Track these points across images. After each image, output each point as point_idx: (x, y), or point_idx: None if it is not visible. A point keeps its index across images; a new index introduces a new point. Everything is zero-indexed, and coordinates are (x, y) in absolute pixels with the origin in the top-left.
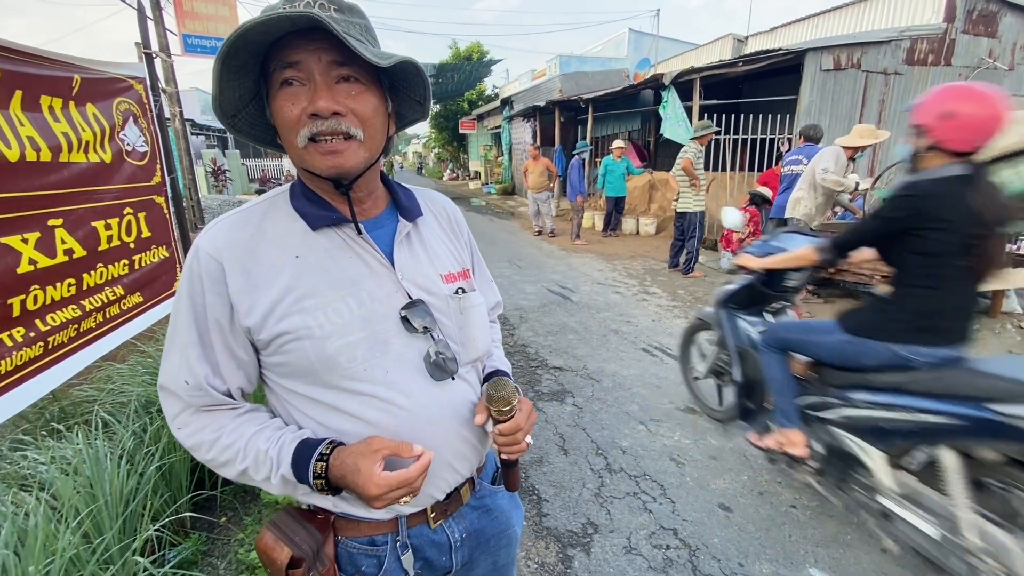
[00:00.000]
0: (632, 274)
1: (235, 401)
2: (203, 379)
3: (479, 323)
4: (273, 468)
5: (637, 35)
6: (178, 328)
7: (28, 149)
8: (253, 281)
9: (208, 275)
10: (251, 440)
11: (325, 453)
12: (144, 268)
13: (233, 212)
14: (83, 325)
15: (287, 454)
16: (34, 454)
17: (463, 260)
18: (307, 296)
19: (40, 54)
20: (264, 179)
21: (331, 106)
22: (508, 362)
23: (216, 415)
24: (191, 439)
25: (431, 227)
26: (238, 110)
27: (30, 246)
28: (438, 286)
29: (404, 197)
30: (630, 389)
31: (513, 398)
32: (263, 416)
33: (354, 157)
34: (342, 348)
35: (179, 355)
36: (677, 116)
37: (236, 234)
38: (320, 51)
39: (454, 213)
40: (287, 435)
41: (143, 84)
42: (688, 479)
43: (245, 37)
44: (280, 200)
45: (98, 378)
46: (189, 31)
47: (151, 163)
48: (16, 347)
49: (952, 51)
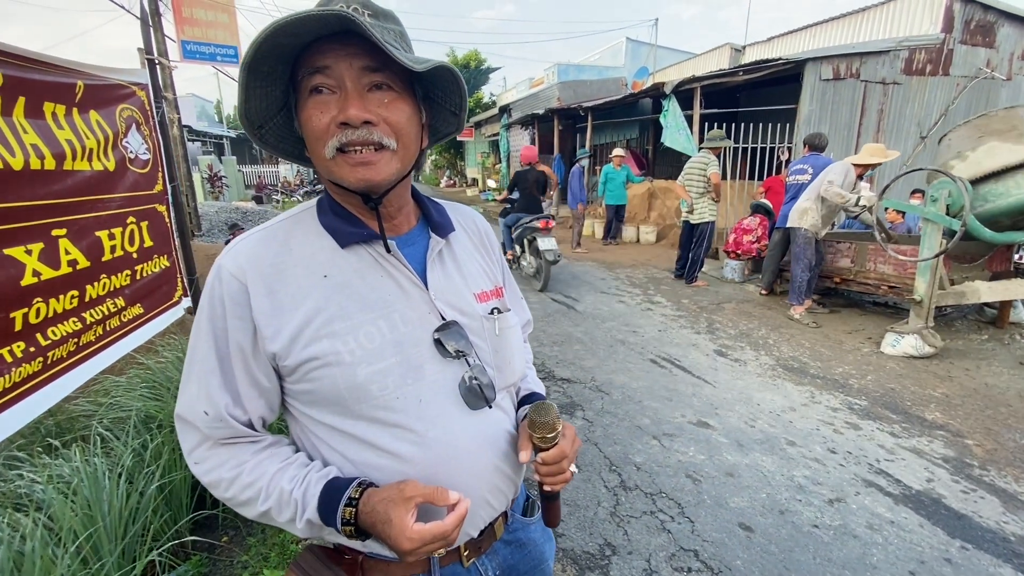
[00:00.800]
0: (635, 283)
1: (256, 433)
2: (223, 409)
3: (515, 345)
4: (298, 512)
5: (634, 44)
6: (197, 354)
7: (32, 157)
8: (279, 303)
9: (230, 297)
10: (274, 479)
11: (354, 497)
12: (145, 278)
13: (258, 229)
14: (83, 339)
15: (313, 496)
16: (30, 473)
17: (495, 277)
18: (336, 319)
19: (43, 59)
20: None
21: (362, 114)
22: (542, 383)
23: (236, 449)
24: (209, 476)
25: (463, 243)
26: (265, 121)
27: (34, 257)
28: (472, 306)
29: (436, 212)
30: (640, 402)
31: (558, 424)
32: (286, 451)
33: (386, 169)
34: (373, 375)
35: (198, 383)
36: (678, 125)
37: (261, 252)
38: (352, 56)
39: (485, 228)
40: (312, 474)
41: (145, 91)
42: (706, 497)
43: (273, 39)
44: (307, 216)
45: (96, 391)
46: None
47: (153, 171)
48: (16, 363)
49: (950, 61)
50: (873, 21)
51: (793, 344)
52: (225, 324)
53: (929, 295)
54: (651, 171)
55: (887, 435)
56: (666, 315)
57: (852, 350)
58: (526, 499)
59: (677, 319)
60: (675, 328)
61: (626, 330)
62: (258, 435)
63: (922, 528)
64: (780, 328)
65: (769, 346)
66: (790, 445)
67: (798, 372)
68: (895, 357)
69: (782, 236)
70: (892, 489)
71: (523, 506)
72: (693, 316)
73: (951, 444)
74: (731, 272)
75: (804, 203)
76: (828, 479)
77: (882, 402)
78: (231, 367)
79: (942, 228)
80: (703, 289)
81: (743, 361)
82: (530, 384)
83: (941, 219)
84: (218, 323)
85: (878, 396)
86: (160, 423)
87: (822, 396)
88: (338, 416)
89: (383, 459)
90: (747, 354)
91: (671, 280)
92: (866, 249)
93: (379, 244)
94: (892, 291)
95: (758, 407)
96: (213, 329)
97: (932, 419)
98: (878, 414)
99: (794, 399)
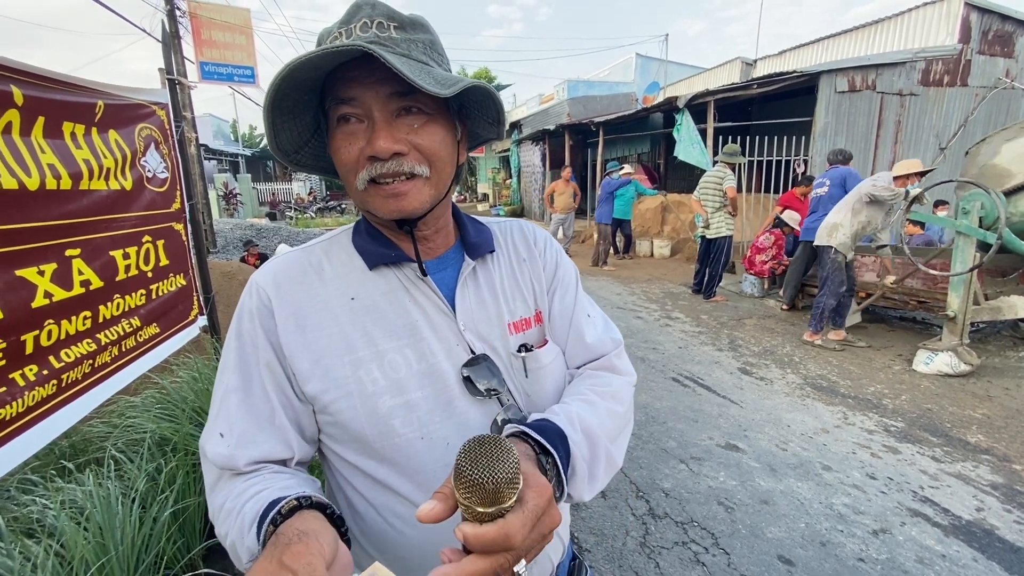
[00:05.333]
0: (652, 298)
1: (275, 467)
2: (240, 435)
3: (550, 387)
4: (243, 539)
5: (644, 60)
6: (222, 374)
7: (48, 177)
8: (303, 324)
9: (258, 310)
10: (247, 503)
11: (283, 513)
12: (161, 297)
13: (295, 249)
14: (98, 360)
15: (258, 516)
16: (42, 498)
17: (537, 299)
18: (359, 345)
19: (64, 80)
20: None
21: (391, 147)
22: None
23: (245, 479)
24: (211, 509)
25: (502, 263)
26: (299, 147)
27: (46, 278)
28: (503, 339)
29: (474, 232)
30: (664, 423)
31: (505, 493)
32: (294, 479)
33: (418, 197)
34: (396, 408)
35: (220, 405)
36: (692, 139)
37: (292, 271)
38: (378, 83)
39: (534, 237)
40: (272, 492)
41: (165, 110)
42: (740, 526)
43: (291, 78)
44: (343, 237)
45: (109, 413)
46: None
47: (171, 189)
48: (29, 386)
49: (968, 72)
50: (888, 33)
51: (820, 362)
52: (254, 339)
53: (963, 311)
54: (663, 185)
55: (929, 459)
56: (686, 331)
57: (883, 368)
58: (572, 559)
59: (697, 335)
60: (696, 345)
61: (645, 347)
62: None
63: (976, 563)
64: (805, 345)
65: (795, 364)
66: (826, 470)
67: (828, 391)
68: (929, 375)
69: (806, 250)
70: (940, 519)
71: (568, 568)
72: (714, 332)
73: (998, 469)
74: (750, 287)
75: (834, 217)
76: (870, 508)
77: (920, 424)
78: (259, 383)
79: (975, 241)
80: (722, 304)
81: (769, 380)
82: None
83: (975, 232)
84: (246, 339)
85: (915, 417)
86: (174, 446)
87: (855, 417)
88: (362, 456)
89: (407, 507)
90: (773, 372)
91: (689, 295)
92: (893, 263)
93: (408, 267)
94: (922, 306)
95: (789, 429)
96: (241, 346)
97: (975, 442)
98: (917, 436)
99: (826, 420)
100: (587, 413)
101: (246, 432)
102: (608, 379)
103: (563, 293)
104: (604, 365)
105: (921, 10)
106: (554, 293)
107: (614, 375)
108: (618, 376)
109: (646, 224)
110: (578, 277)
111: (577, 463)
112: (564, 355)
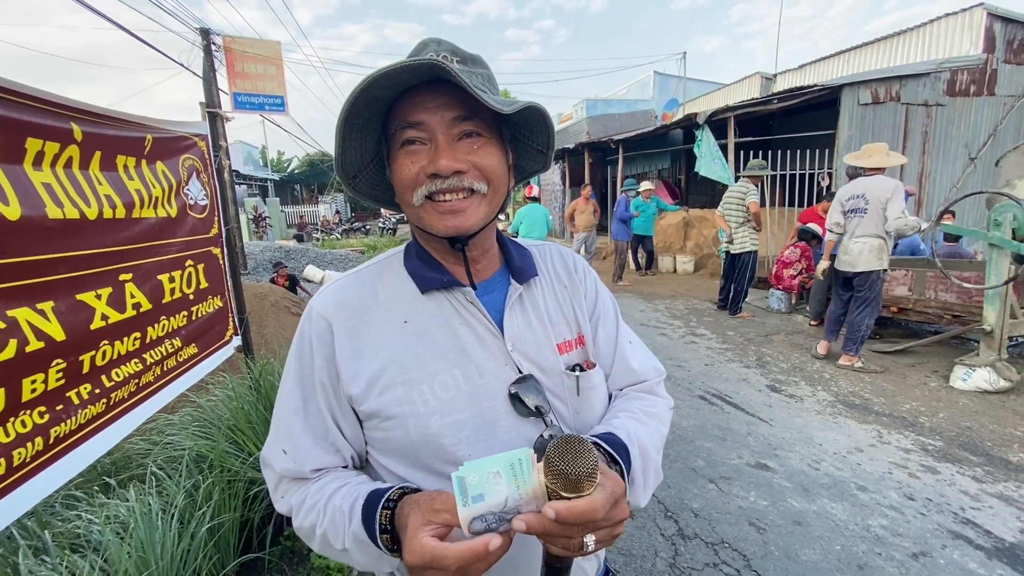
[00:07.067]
0: (676, 314)
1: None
2: (302, 452)
3: (598, 406)
4: (345, 526)
5: (662, 77)
6: (284, 393)
7: (105, 207)
8: (358, 347)
9: (318, 336)
10: (331, 498)
11: (393, 499)
12: (200, 319)
13: (348, 273)
14: (143, 379)
15: (358, 507)
16: (87, 513)
17: (581, 323)
18: (412, 367)
19: (117, 116)
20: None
21: (453, 164)
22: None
23: (320, 479)
24: (286, 505)
25: (545, 288)
26: (359, 170)
27: (103, 301)
28: (551, 360)
29: (518, 256)
30: (692, 442)
31: (586, 485)
32: (350, 473)
33: (475, 214)
34: (445, 428)
35: (279, 422)
36: (712, 154)
37: (348, 296)
38: (443, 108)
39: (574, 264)
40: (364, 487)
41: (205, 141)
42: (773, 548)
43: (368, 92)
44: (395, 260)
45: (150, 431)
46: (239, 89)
47: (210, 215)
48: (82, 404)
49: (995, 81)
50: (910, 44)
51: (852, 379)
52: (312, 363)
53: (1000, 325)
54: (685, 200)
55: (969, 480)
56: (712, 348)
57: (918, 384)
58: (606, 573)
59: (724, 352)
60: (723, 362)
61: (671, 364)
62: None
63: None
64: (835, 360)
65: (826, 380)
66: (861, 491)
67: (861, 409)
68: (967, 392)
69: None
70: (983, 541)
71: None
72: (740, 349)
73: None
74: (777, 302)
75: (876, 240)
76: (909, 530)
77: (959, 442)
78: (315, 406)
79: (1009, 254)
80: (748, 320)
81: (799, 397)
82: (618, 423)
83: (1008, 244)
84: (305, 361)
85: (954, 436)
86: (211, 463)
87: (891, 436)
88: (410, 468)
89: None
90: (803, 389)
91: (714, 311)
92: (925, 276)
93: (459, 291)
94: (956, 320)
95: (821, 448)
96: (300, 368)
97: (1017, 461)
98: (956, 456)
99: (860, 439)
100: (640, 430)
101: (306, 449)
102: (653, 401)
103: (605, 321)
104: (646, 389)
105: (944, 21)
106: (597, 321)
107: (657, 398)
108: (661, 399)
109: (668, 240)
110: (616, 304)
111: (636, 473)
112: (608, 379)
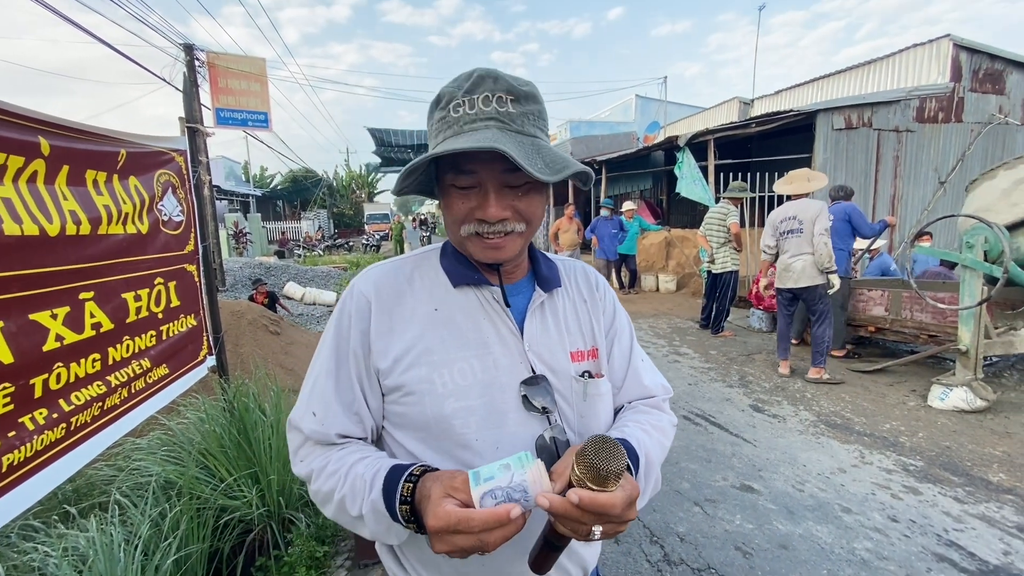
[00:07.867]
0: (659, 333)
1: (359, 441)
2: (332, 415)
3: (602, 414)
4: (365, 494)
5: (644, 101)
6: (319, 360)
7: (69, 223)
8: (391, 326)
9: (357, 311)
10: (353, 467)
11: (416, 474)
12: (171, 338)
13: (387, 261)
14: (108, 402)
15: (380, 477)
16: (44, 545)
17: (594, 336)
18: (436, 350)
19: (89, 130)
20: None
21: (500, 214)
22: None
23: (332, 448)
24: (305, 469)
25: (566, 299)
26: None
27: (58, 321)
28: (563, 364)
29: (545, 267)
30: (677, 463)
31: (611, 483)
32: (371, 448)
33: (512, 248)
34: (458, 411)
35: (312, 386)
36: (693, 176)
37: (388, 278)
38: (494, 160)
39: (596, 282)
40: (386, 460)
41: (184, 156)
42: (759, 573)
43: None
44: (431, 255)
45: (115, 455)
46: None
47: (186, 232)
48: (38, 430)
49: (962, 108)
50: (881, 73)
51: (833, 398)
52: (348, 334)
53: (975, 345)
54: (666, 220)
55: (951, 500)
56: (695, 367)
57: (897, 404)
58: None
59: (707, 371)
60: (706, 381)
61: None
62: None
63: None
64: (809, 383)
65: (807, 400)
66: (845, 512)
67: (843, 429)
68: (945, 411)
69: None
70: (967, 564)
71: None
72: (723, 368)
73: (1023, 510)
74: (758, 321)
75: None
76: (894, 553)
77: (939, 462)
78: (347, 373)
79: (982, 275)
80: (730, 339)
81: (782, 417)
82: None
83: (980, 266)
84: (343, 332)
85: (934, 456)
86: (179, 490)
87: (872, 456)
88: (421, 443)
89: None
90: (785, 409)
91: (696, 330)
92: (901, 296)
93: (487, 289)
94: (932, 340)
95: (804, 468)
96: (337, 338)
97: (997, 481)
98: (937, 476)
99: (842, 459)
100: (648, 441)
101: (335, 413)
102: (660, 416)
103: (621, 338)
104: (654, 404)
105: (912, 51)
106: (613, 337)
107: (664, 414)
108: (666, 415)
109: (651, 259)
110: (631, 324)
111: (641, 480)
112: (619, 392)
